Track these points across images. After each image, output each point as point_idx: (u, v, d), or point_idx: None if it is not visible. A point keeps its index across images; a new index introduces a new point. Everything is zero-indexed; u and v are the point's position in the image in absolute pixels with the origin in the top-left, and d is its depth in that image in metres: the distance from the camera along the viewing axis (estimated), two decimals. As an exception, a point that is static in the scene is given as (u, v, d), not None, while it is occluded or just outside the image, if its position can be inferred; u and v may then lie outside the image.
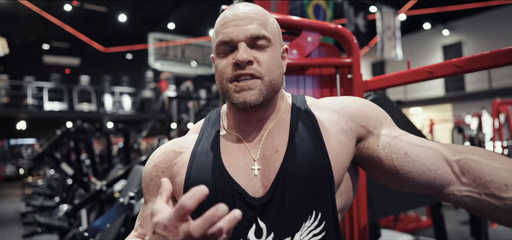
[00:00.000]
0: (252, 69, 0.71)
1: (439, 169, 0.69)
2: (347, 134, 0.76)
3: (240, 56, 0.70)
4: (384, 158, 0.73)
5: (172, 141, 0.85)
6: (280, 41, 0.80)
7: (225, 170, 0.74)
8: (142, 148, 11.31)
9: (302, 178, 0.71)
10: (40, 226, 3.94)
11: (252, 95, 0.71)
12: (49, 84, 15.38)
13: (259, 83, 0.72)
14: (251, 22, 0.73)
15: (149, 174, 0.82)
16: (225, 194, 0.72)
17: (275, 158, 0.74)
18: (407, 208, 2.17)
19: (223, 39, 0.73)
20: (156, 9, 13.18)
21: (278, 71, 0.75)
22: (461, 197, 0.67)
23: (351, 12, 8.33)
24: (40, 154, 5.17)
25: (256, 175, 0.74)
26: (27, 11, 11.44)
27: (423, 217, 5.52)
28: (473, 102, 12.37)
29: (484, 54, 1.05)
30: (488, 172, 0.64)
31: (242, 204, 0.71)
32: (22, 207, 7.41)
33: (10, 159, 16.76)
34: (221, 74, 0.74)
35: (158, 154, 0.83)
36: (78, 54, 17.17)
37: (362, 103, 0.80)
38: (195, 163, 0.76)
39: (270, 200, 0.71)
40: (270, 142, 0.76)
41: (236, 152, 0.77)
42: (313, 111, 0.80)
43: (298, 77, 1.46)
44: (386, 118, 0.79)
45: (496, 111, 5.37)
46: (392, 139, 0.75)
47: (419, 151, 0.72)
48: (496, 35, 12.88)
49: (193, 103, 9.70)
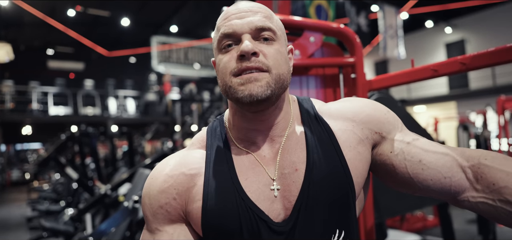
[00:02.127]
0: (259, 62, 0.65)
1: (454, 176, 0.67)
2: (364, 143, 0.73)
3: (245, 46, 0.64)
4: (397, 165, 0.71)
5: (177, 160, 0.75)
6: (285, 40, 0.75)
7: (246, 195, 0.68)
8: (147, 151, 11.34)
9: (325, 198, 0.68)
10: (45, 230, 3.96)
11: (259, 87, 0.64)
12: (54, 89, 15.48)
13: (267, 75, 0.66)
14: (254, 14, 0.69)
15: (157, 201, 0.71)
16: (249, 223, 0.67)
17: (295, 177, 0.69)
18: (414, 207, 2.15)
19: (226, 32, 0.68)
20: (159, 12, 13.25)
21: (285, 67, 0.70)
22: (476, 203, 0.66)
23: (353, 11, 8.31)
24: (45, 159, 5.21)
25: (276, 196, 0.69)
26: (31, 17, 11.54)
27: (429, 217, 5.48)
28: (478, 100, 12.29)
29: (490, 51, 1.03)
30: (501, 178, 0.62)
31: (267, 231, 0.67)
32: (28, 211, 7.46)
33: (16, 164, 16.88)
34: (224, 70, 0.68)
35: (163, 177, 0.73)
36: (82, 58, 17.29)
37: (374, 108, 0.77)
38: (210, 187, 0.70)
39: (295, 224, 0.67)
40: (287, 158, 0.71)
41: (252, 173, 0.71)
42: (326, 120, 0.76)
43: (301, 78, 1.46)
44: (398, 121, 0.77)
45: (501, 108, 5.33)
46: (405, 145, 0.72)
47: (433, 157, 0.69)
48: (499, 32, 12.79)
49: (196, 105, 9.72)
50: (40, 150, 16.25)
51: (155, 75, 16.63)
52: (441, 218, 2.89)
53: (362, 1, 8.66)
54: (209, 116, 8.56)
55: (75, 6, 11.87)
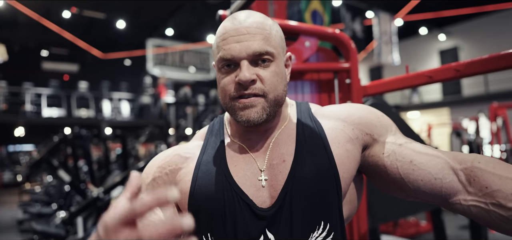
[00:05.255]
0: (256, 89, 0.70)
1: (445, 178, 0.67)
2: (354, 142, 0.75)
3: (243, 76, 0.68)
4: (389, 166, 0.72)
5: (177, 147, 0.83)
6: (284, 49, 0.77)
7: (233, 179, 0.73)
8: (140, 154, 11.26)
9: (310, 188, 0.70)
10: (36, 233, 3.91)
11: (255, 113, 0.70)
12: (48, 90, 15.33)
13: (262, 101, 0.70)
14: (253, 37, 0.70)
15: (151, 174, 0.78)
16: (232, 204, 0.71)
17: (282, 167, 0.73)
18: (407, 213, 2.16)
19: (224, 56, 0.70)
20: (155, 15, 13.22)
21: (282, 86, 0.74)
22: (468, 207, 0.65)
23: (348, 17, 8.37)
24: (37, 161, 5.15)
25: (264, 185, 0.72)
26: (26, 18, 11.45)
27: (422, 222, 5.50)
28: (470, 106, 12.40)
29: (483, 58, 1.04)
30: (494, 181, 0.62)
31: (250, 215, 0.70)
32: (19, 214, 7.35)
33: (8, 165, 16.66)
34: (224, 92, 0.73)
35: (162, 156, 0.81)
36: (77, 60, 17.17)
37: (367, 111, 0.79)
38: (201, 172, 0.75)
39: (278, 211, 0.70)
40: (276, 151, 0.75)
41: (242, 162, 0.75)
42: (319, 119, 0.79)
43: (296, 83, 1.46)
44: (391, 125, 0.78)
45: (493, 115, 5.38)
46: (397, 147, 0.74)
47: (424, 159, 0.70)
48: (492, 40, 12.96)
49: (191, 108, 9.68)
50: (32, 152, 16.07)
51: (150, 78, 16.55)
52: (434, 224, 2.90)
53: (358, 7, 8.73)
54: (203, 119, 8.52)
55: (71, 7, 11.80)
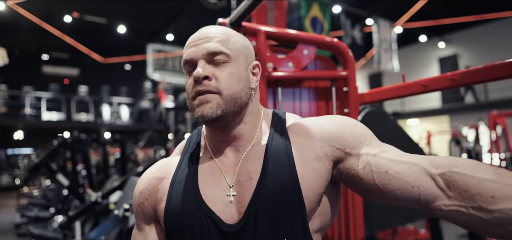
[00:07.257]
0: (210, 86, 0.73)
1: (423, 185, 0.67)
2: (322, 160, 0.75)
3: (196, 72, 0.73)
4: (365, 178, 0.72)
5: (158, 164, 0.86)
6: (246, 57, 0.80)
7: (201, 197, 0.75)
8: (139, 158, 11.24)
9: (273, 207, 0.72)
10: (34, 237, 3.89)
11: (209, 108, 0.73)
12: (48, 94, 15.36)
13: (217, 97, 0.74)
14: (209, 40, 0.76)
15: (137, 200, 0.84)
16: (199, 222, 0.73)
17: (249, 185, 0.75)
18: (405, 221, 2.16)
19: (185, 59, 0.77)
20: (155, 20, 13.28)
21: (238, 86, 0.76)
22: (448, 212, 0.65)
23: (348, 24, 8.42)
24: (36, 165, 5.14)
25: (232, 201, 0.75)
26: (27, 22, 11.50)
27: (421, 230, 5.48)
28: (470, 114, 12.43)
29: (479, 68, 1.05)
30: (473, 185, 0.62)
31: (216, 232, 0.73)
32: (17, 217, 7.32)
33: (7, 169, 16.61)
34: (187, 93, 0.77)
35: (144, 180, 0.84)
36: (77, 64, 17.22)
37: (339, 124, 0.78)
38: (174, 190, 0.78)
39: (243, 227, 0.72)
40: (245, 168, 0.77)
41: (212, 177, 0.78)
42: (290, 135, 0.80)
43: (294, 90, 1.47)
44: (365, 135, 0.77)
45: (493, 123, 5.39)
46: (371, 157, 0.73)
47: (400, 167, 0.70)
48: (491, 48, 13.02)
49: (190, 114, 9.68)
50: (31, 156, 16.04)
51: (150, 82, 16.58)
52: (432, 232, 2.90)
53: (357, 15, 8.78)
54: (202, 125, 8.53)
55: (72, 12, 11.86)
